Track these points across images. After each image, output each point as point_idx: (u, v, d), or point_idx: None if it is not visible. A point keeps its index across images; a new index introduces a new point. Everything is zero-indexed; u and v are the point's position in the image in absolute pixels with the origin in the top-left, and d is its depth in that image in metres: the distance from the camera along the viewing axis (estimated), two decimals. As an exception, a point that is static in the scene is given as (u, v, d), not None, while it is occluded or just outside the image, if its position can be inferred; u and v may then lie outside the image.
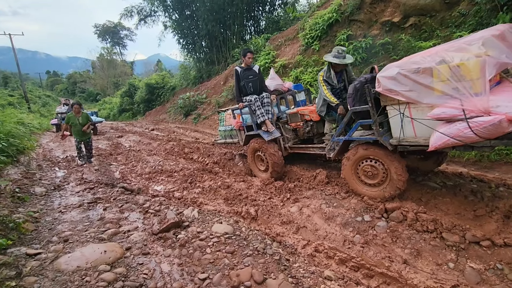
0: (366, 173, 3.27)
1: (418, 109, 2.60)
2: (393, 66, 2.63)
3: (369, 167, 3.23)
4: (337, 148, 3.61)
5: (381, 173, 3.14)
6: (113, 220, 3.26)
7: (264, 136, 4.42)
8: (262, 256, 2.45)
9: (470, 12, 5.90)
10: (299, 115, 4.58)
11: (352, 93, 3.24)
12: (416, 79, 2.41)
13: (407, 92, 2.49)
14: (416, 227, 2.66)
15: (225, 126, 5.95)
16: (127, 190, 4.54)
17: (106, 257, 2.42)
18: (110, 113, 29.51)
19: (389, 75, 2.58)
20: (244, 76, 4.70)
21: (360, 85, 3.14)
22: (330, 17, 8.57)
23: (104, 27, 47.59)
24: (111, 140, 10.98)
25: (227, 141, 5.89)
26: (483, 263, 2.17)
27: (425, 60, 2.39)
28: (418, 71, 2.39)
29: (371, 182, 3.25)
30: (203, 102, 14.82)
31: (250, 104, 4.51)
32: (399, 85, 2.53)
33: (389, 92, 2.62)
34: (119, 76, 41.32)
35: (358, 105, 3.19)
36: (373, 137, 3.09)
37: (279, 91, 5.21)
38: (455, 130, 2.22)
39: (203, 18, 16.63)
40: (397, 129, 2.83)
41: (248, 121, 4.81)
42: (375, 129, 2.98)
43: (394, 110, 2.80)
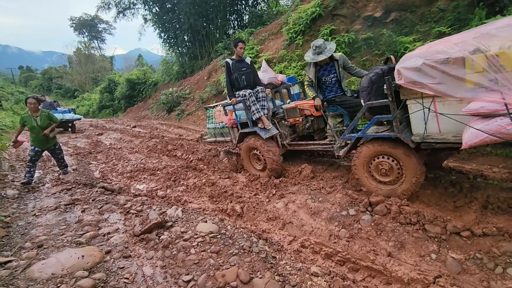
0: (380, 171, 3.08)
1: (445, 103, 2.38)
2: (414, 56, 2.39)
3: (383, 165, 3.03)
4: (349, 145, 3.37)
5: (396, 171, 2.96)
6: (92, 223, 3.11)
7: (261, 133, 4.16)
8: (248, 254, 2.40)
9: (449, 8, 6.03)
10: (298, 110, 4.32)
11: (367, 86, 2.99)
12: (445, 70, 2.18)
13: (435, 84, 2.24)
14: (399, 219, 2.70)
15: (214, 123, 5.53)
16: (107, 190, 4.37)
17: (83, 262, 2.29)
18: (89, 110, 28.43)
19: (412, 66, 2.34)
20: (236, 68, 4.34)
21: (377, 78, 2.91)
22: (314, 12, 8.54)
23: (80, 20, 45.49)
24: (90, 138, 10.56)
25: (218, 139, 5.52)
26: (463, 253, 2.23)
27: (454, 49, 2.15)
28: (447, 62, 2.16)
29: (385, 179, 3.07)
30: (187, 97, 14.53)
31: (244, 99, 4.22)
32: (425, 77, 2.29)
33: (412, 85, 2.39)
34: (98, 72, 39.78)
35: (374, 99, 2.94)
36: (391, 134, 2.85)
37: (273, 85, 4.87)
38: (495, 126, 2.00)
39: (185, 12, 16.22)
40: (419, 125, 2.61)
41: (242, 118, 4.49)
42: (395, 125, 2.76)
43: (417, 104, 2.56)
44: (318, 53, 3.65)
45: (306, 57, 3.80)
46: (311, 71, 3.86)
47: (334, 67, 3.82)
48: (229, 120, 4.78)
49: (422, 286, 2.06)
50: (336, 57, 3.79)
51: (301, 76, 8.10)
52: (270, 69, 5.11)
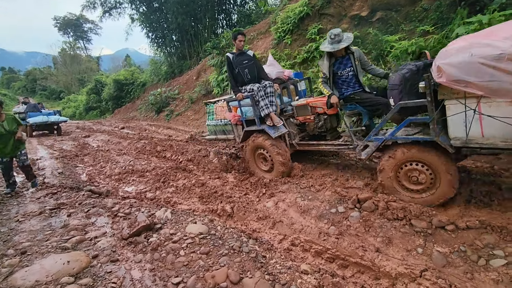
0: (410, 178, 2.84)
1: (492, 105, 2.15)
2: (456, 52, 2.14)
3: (414, 171, 2.79)
4: (373, 148, 3.12)
5: (429, 179, 2.72)
6: (78, 227, 3.04)
7: (270, 132, 3.89)
8: (238, 254, 2.40)
9: (432, 7, 6.17)
10: (310, 108, 4.03)
11: (398, 84, 2.71)
12: (499, 67, 1.93)
13: (485, 83, 1.99)
14: (387, 215, 2.75)
15: (216, 120, 5.17)
16: (95, 193, 4.28)
17: (69, 267, 2.24)
18: (76, 111, 27.83)
19: (456, 62, 2.09)
20: (238, 62, 4.09)
21: (411, 75, 2.68)
22: (301, 11, 8.59)
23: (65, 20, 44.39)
24: (77, 140, 10.32)
25: (219, 137, 5.17)
26: (448, 246, 2.28)
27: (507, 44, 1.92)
28: (501, 58, 1.91)
29: (415, 188, 2.84)
30: (176, 98, 14.39)
31: (252, 94, 3.92)
32: (472, 74, 2.03)
33: (455, 83, 2.13)
34: (84, 72, 38.95)
35: (406, 98, 2.69)
36: (427, 137, 2.60)
37: (281, 80, 4.50)
38: None
39: (172, 11, 16.06)
40: (458, 128, 2.37)
41: (248, 115, 4.19)
42: (432, 128, 2.52)
43: (458, 105, 2.30)
44: (338, 42, 3.33)
45: (323, 48, 3.47)
46: (325, 64, 3.56)
47: (350, 60, 3.54)
48: (233, 116, 4.42)
49: (409, 280, 2.10)
50: (352, 50, 3.54)
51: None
52: (277, 63, 4.79)
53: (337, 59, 3.57)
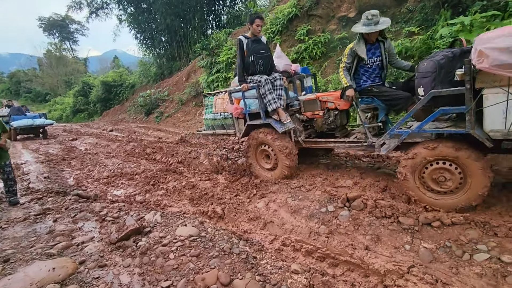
0: (437, 179, 2.60)
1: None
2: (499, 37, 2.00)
3: (441, 171, 2.54)
4: (396, 142, 2.89)
5: (457, 179, 2.50)
6: (64, 232, 2.97)
7: (277, 126, 3.66)
8: (229, 256, 2.39)
9: (417, 9, 6.31)
10: (319, 102, 3.81)
11: (433, 71, 2.49)
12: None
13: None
14: (375, 213, 2.79)
15: (214, 113, 4.81)
16: (82, 197, 4.19)
17: (55, 274, 2.18)
18: (63, 114, 27.21)
19: (502, 46, 1.95)
20: (254, 50, 3.71)
21: (447, 61, 2.47)
22: (290, 12, 8.65)
23: (50, 21, 43.27)
24: (63, 143, 10.09)
25: (217, 132, 4.81)
26: (434, 242, 2.34)
27: None
28: None
29: (440, 189, 2.61)
30: (165, 99, 14.26)
31: (259, 85, 3.66)
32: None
33: (500, 69, 1.97)
34: (71, 74, 38.11)
35: (440, 87, 2.46)
36: (461, 130, 2.38)
37: (288, 73, 4.25)
38: None
39: (161, 12, 15.91)
40: (496, 119, 2.19)
41: (252, 108, 3.93)
42: (468, 119, 2.30)
43: (499, 94, 2.12)
44: (375, 23, 3.02)
45: (357, 29, 3.15)
46: (361, 48, 3.21)
47: (379, 49, 3.27)
48: (236, 109, 4.09)
49: (397, 276, 2.14)
50: (385, 36, 3.28)
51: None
52: (284, 55, 4.51)
53: (367, 45, 3.25)
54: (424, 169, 2.67)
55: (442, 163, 2.55)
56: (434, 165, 2.60)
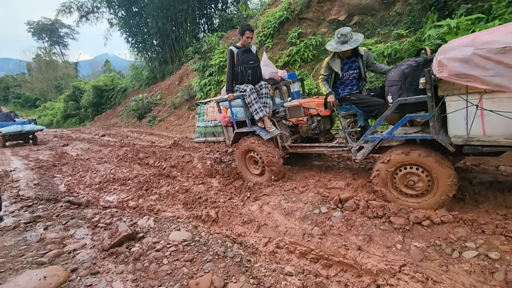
0: (406, 183, 2.74)
1: (496, 100, 2.08)
2: (458, 47, 2.11)
3: (410, 175, 2.69)
4: (370, 148, 3.06)
5: (426, 182, 2.64)
6: (55, 240, 2.93)
7: (262, 133, 3.80)
8: (223, 260, 2.39)
9: (405, 12, 6.44)
10: (303, 109, 3.96)
11: (398, 80, 2.63)
12: (502, 61, 1.91)
13: (489, 77, 1.96)
14: (367, 214, 2.82)
15: (206, 121, 4.97)
16: (74, 204, 4.13)
17: (46, 283, 2.15)
18: (53, 119, 26.76)
19: (459, 56, 2.05)
20: (244, 60, 3.83)
21: (411, 70, 2.60)
22: (281, 15, 8.73)
23: (39, 25, 42.58)
24: (54, 149, 9.93)
25: (209, 139, 5.03)
26: (425, 241, 2.38)
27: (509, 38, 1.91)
28: (504, 51, 1.90)
29: (411, 192, 2.76)
30: (158, 103, 14.18)
31: (243, 95, 3.79)
32: (475, 68, 1.99)
33: (457, 78, 2.08)
34: (61, 79, 37.52)
35: (406, 95, 2.61)
36: (427, 135, 2.52)
37: (274, 80, 4.41)
38: None
39: (152, 15, 15.85)
40: (459, 125, 2.31)
41: (239, 116, 4.07)
42: (432, 125, 2.45)
43: (459, 101, 2.24)
44: (343, 42, 3.18)
45: (328, 47, 3.31)
46: (336, 63, 3.37)
47: (356, 62, 3.42)
48: (224, 118, 4.28)
49: (389, 275, 2.17)
50: (360, 52, 3.39)
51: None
52: (271, 63, 4.66)
53: (342, 60, 3.41)
54: (395, 174, 2.82)
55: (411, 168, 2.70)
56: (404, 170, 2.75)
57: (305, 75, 7.46)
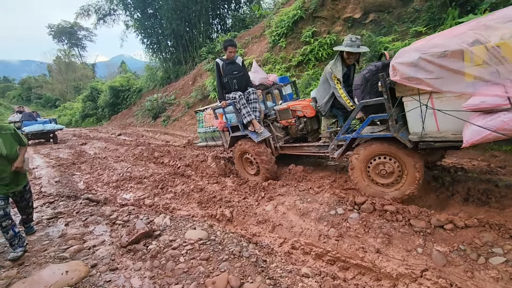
0: (379, 172, 2.94)
1: (443, 99, 2.26)
2: (410, 51, 2.29)
3: (383, 165, 2.90)
4: (343, 147, 3.24)
5: (396, 171, 2.83)
6: (76, 236, 3.02)
7: (253, 136, 4.04)
8: (239, 259, 2.39)
9: (423, 8, 6.25)
10: (290, 111, 4.18)
11: (360, 84, 2.85)
12: (443, 64, 2.07)
13: (432, 79, 2.13)
14: (386, 216, 2.75)
15: (205, 127, 5.41)
16: (92, 201, 4.25)
17: (68, 278, 2.22)
18: (72, 119, 27.65)
19: (408, 61, 2.24)
20: (228, 72, 4.15)
21: (371, 75, 2.78)
22: (295, 14, 8.67)
23: (59, 28, 44.23)
24: (73, 148, 10.26)
25: (209, 144, 5.41)
26: (448, 245, 2.29)
27: (452, 42, 2.06)
28: (445, 55, 2.05)
29: (385, 182, 2.95)
30: (172, 103, 14.38)
31: (234, 102, 4.08)
32: (421, 72, 2.17)
33: (408, 81, 2.27)
34: (79, 80, 38.82)
35: (368, 97, 2.82)
36: (387, 134, 2.73)
37: (265, 86, 4.75)
38: (498, 122, 1.87)
39: (166, 17, 16.10)
40: (416, 123, 2.50)
41: (233, 121, 4.37)
42: (390, 124, 2.64)
43: (414, 101, 2.44)
44: (358, 46, 3.26)
45: (343, 48, 3.27)
46: (338, 69, 3.38)
47: (350, 70, 3.62)
48: (220, 123, 4.66)
49: (410, 280, 2.10)
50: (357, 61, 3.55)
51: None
52: (261, 69, 4.99)
53: (345, 67, 3.45)
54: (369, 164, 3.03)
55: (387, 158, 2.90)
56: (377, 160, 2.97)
57: (319, 74, 7.36)
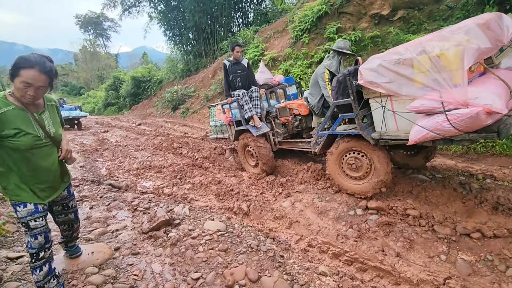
0: (351, 166, 3.22)
1: (400, 102, 2.53)
2: (376, 58, 2.54)
3: (353, 159, 3.19)
4: (321, 142, 3.55)
5: (365, 165, 3.11)
6: (100, 219, 3.15)
7: (253, 130, 4.39)
8: (256, 253, 2.41)
9: (458, 6, 5.96)
10: (288, 109, 4.55)
11: (335, 86, 3.18)
12: (396, 71, 2.32)
13: (387, 84, 2.41)
14: (408, 220, 2.68)
15: (215, 121, 5.90)
16: (115, 187, 4.40)
17: (93, 258, 2.32)
18: (95, 107, 28.64)
19: (370, 67, 2.51)
20: (233, 71, 4.63)
21: (343, 78, 3.08)
22: (320, 9, 8.49)
23: (86, 18, 45.70)
24: (96, 135, 10.64)
25: (218, 136, 5.88)
26: (474, 254, 2.21)
27: (407, 51, 2.31)
28: (398, 62, 2.30)
29: (356, 175, 3.21)
30: (191, 95, 14.55)
31: (238, 99, 4.45)
32: (380, 77, 2.45)
33: (370, 85, 2.54)
34: (103, 69, 40.02)
35: (341, 98, 3.13)
36: (356, 131, 3.01)
37: (269, 85, 5.16)
38: (434, 123, 2.15)
39: (189, 9, 16.20)
40: (380, 122, 2.76)
41: (237, 116, 4.75)
42: (357, 122, 2.92)
43: (376, 103, 2.72)
44: (346, 49, 3.76)
45: (338, 47, 3.76)
46: (333, 65, 3.80)
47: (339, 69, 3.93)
48: (226, 118, 5.10)
49: (432, 287, 2.05)
50: None
51: (306, 75, 8.07)
52: (267, 70, 5.48)
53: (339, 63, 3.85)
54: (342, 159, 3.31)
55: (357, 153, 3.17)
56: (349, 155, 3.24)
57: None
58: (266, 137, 4.59)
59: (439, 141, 2.38)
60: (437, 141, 2.39)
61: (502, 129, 2.04)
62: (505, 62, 2.48)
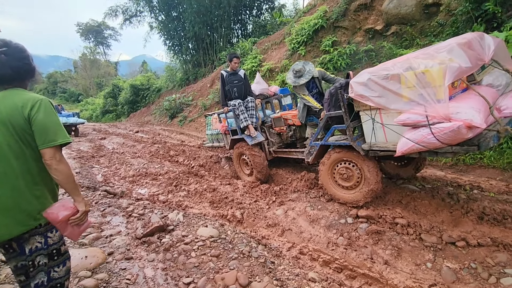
0: (342, 175, 3.31)
1: (388, 115, 2.65)
2: (366, 72, 2.66)
3: (344, 169, 3.28)
4: (314, 152, 3.65)
5: (356, 175, 3.19)
6: (94, 225, 3.17)
7: (248, 140, 4.48)
8: (248, 259, 2.45)
9: (448, 22, 6.19)
10: (283, 119, 4.66)
11: (327, 98, 3.30)
12: (385, 85, 2.44)
13: (376, 98, 2.53)
14: (396, 229, 2.75)
15: (212, 130, 6.00)
16: (110, 193, 4.43)
17: (87, 262, 2.35)
18: (93, 114, 28.68)
19: (360, 81, 2.62)
20: (229, 81, 4.75)
21: (335, 91, 3.20)
22: (316, 23, 8.75)
23: (87, 26, 46.29)
24: (93, 142, 10.67)
25: (214, 144, 5.97)
26: (458, 262, 2.27)
27: (395, 66, 2.44)
28: (387, 77, 2.42)
29: (347, 184, 3.29)
30: (189, 104, 14.70)
31: (234, 108, 4.55)
32: (369, 90, 2.57)
33: (360, 98, 2.65)
34: (102, 77, 40.27)
35: (333, 110, 3.25)
36: (347, 142, 3.12)
37: (265, 96, 5.31)
38: (419, 135, 2.27)
39: (190, 20, 16.55)
40: (369, 134, 2.88)
41: (233, 125, 4.84)
42: (348, 134, 3.03)
43: (366, 115, 2.84)
44: (299, 77, 3.94)
45: (288, 80, 4.04)
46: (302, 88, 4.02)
47: (315, 83, 4.17)
48: (222, 127, 5.21)
49: (417, 294, 2.10)
50: (315, 75, 4.07)
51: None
52: (263, 81, 5.60)
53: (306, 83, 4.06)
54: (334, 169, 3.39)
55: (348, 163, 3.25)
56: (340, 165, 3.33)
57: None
58: (261, 146, 4.67)
59: (425, 153, 2.48)
60: (423, 153, 2.49)
61: (482, 142, 2.16)
62: (486, 79, 2.61)
